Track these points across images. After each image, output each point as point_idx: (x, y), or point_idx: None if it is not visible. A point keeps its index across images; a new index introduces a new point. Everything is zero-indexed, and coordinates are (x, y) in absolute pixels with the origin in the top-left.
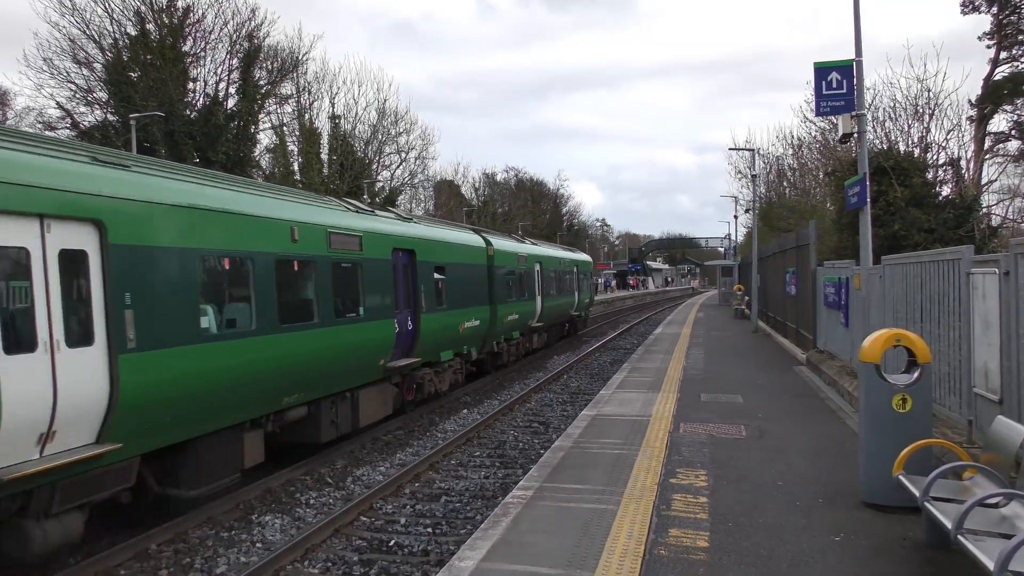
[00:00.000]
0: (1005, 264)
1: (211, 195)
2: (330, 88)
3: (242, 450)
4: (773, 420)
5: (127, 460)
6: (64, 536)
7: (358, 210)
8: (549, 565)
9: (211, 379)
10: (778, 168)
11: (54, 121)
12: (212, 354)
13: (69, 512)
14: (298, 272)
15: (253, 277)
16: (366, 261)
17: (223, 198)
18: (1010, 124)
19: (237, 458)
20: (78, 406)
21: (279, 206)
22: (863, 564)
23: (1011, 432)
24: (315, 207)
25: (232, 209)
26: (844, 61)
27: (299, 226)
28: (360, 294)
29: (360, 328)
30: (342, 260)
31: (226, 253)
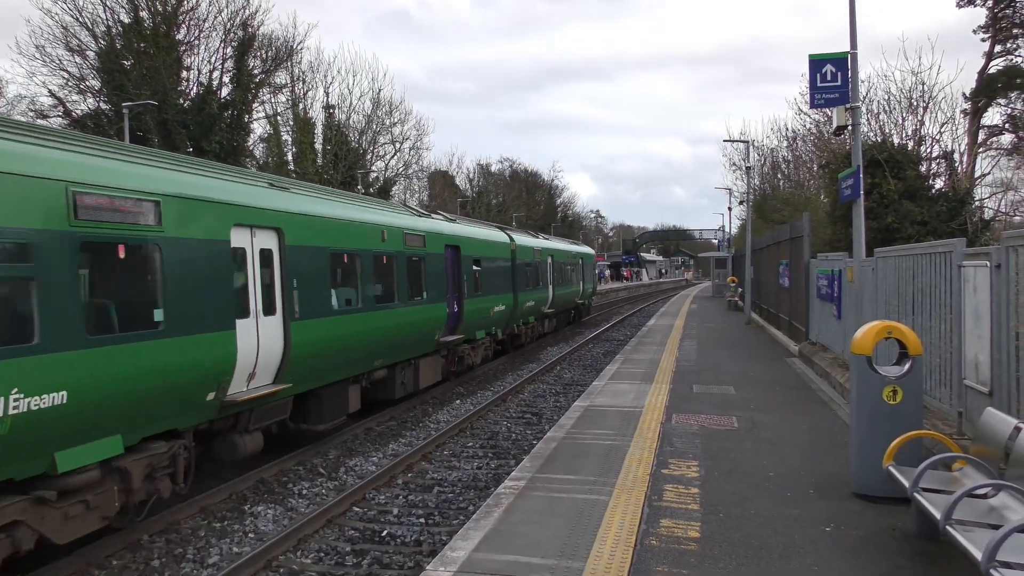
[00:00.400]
0: (996, 257)
1: (334, 207)
2: (324, 77)
3: (347, 399)
4: (765, 411)
5: (287, 398)
6: (253, 447)
7: (419, 214)
8: (541, 555)
9: (335, 343)
10: (772, 160)
11: (46, 109)
12: (337, 325)
13: (255, 431)
14: (386, 264)
15: (360, 268)
16: (428, 255)
17: (342, 210)
18: (1004, 117)
19: (344, 405)
20: (268, 357)
21: (374, 214)
22: (853, 555)
23: (1000, 424)
24: (395, 213)
25: (348, 217)
26: (839, 54)
27: (386, 229)
28: (423, 282)
29: (424, 309)
30: (412, 255)
31: (344, 251)
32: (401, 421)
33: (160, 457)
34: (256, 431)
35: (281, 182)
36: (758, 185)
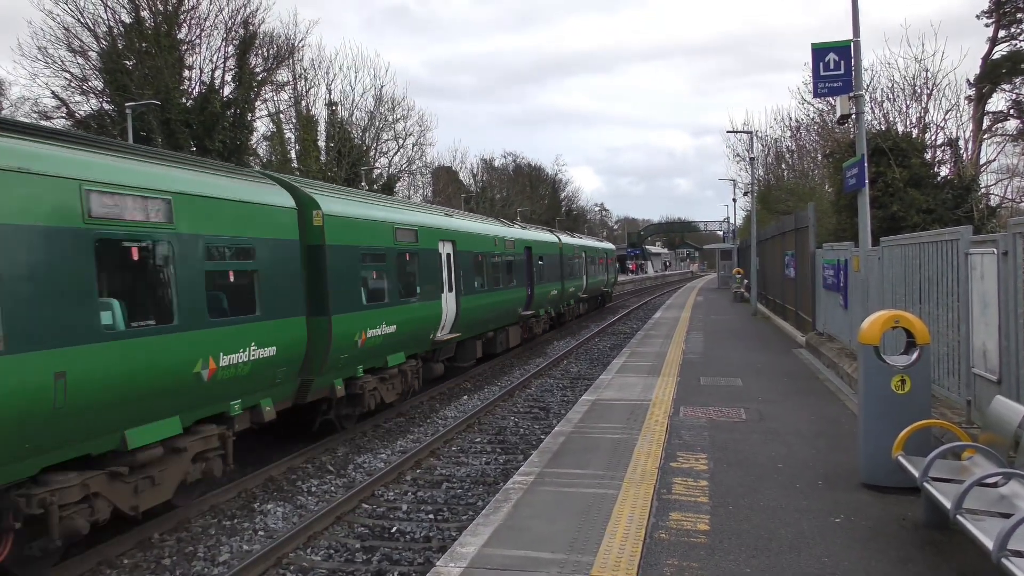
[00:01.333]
0: (1003, 244)
1: (478, 225)
2: (326, 75)
3: (476, 349)
4: (773, 403)
5: (453, 343)
6: (439, 371)
7: (508, 225)
8: (551, 550)
9: (477, 312)
10: (776, 150)
11: (50, 111)
12: (478, 299)
13: (440, 361)
14: (497, 261)
15: (486, 264)
16: (515, 255)
17: (486, 226)
18: (1008, 103)
19: (474, 353)
20: (449, 316)
21: (495, 228)
22: (863, 545)
23: (1010, 412)
24: (500, 225)
25: (481, 232)
26: (842, 42)
27: (496, 238)
28: (513, 273)
29: (514, 291)
30: (508, 255)
31: (480, 253)
32: (409, 417)
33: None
34: (440, 361)
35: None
36: (762, 175)
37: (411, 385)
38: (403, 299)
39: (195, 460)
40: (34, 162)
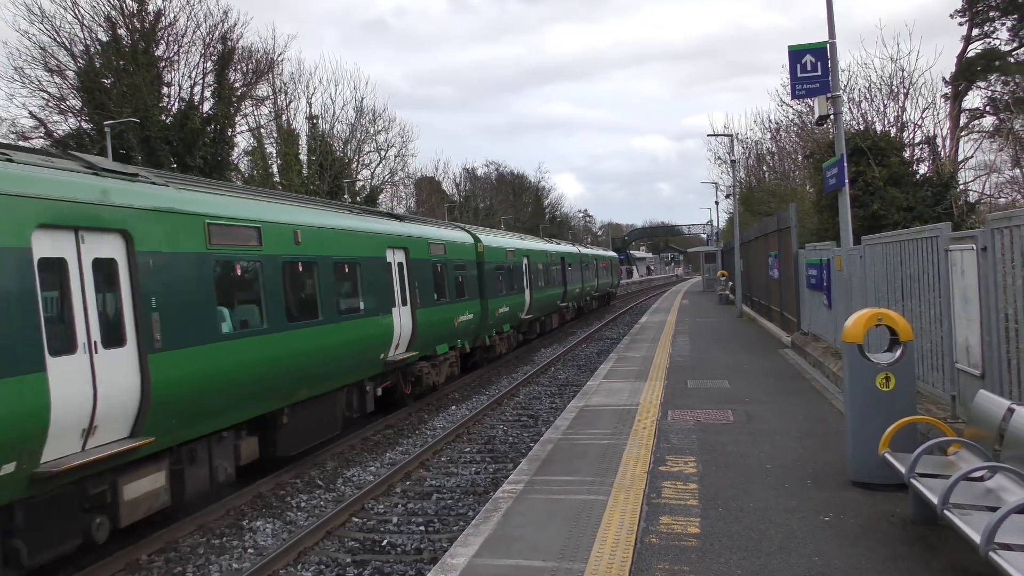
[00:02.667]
0: (983, 240)
1: (503, 240)
2: (306, 88)
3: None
4: (760, 404)
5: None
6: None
7: (549, 241)
8: (541, 558)
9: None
10: (757, 152)
11: (27, 131)
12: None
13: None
14: (504, 269)
15: (514, 272)
16: (514, 265)
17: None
18: (984, 100)
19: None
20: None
21: (514, 240)
22: (852, 543)
23: (993, 406)
24: (544, 242)
25: (507, 245)
26: (818, 43)
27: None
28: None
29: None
30: (506, 264)
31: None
32: (398, 429)
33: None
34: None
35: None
36: (744, 178)
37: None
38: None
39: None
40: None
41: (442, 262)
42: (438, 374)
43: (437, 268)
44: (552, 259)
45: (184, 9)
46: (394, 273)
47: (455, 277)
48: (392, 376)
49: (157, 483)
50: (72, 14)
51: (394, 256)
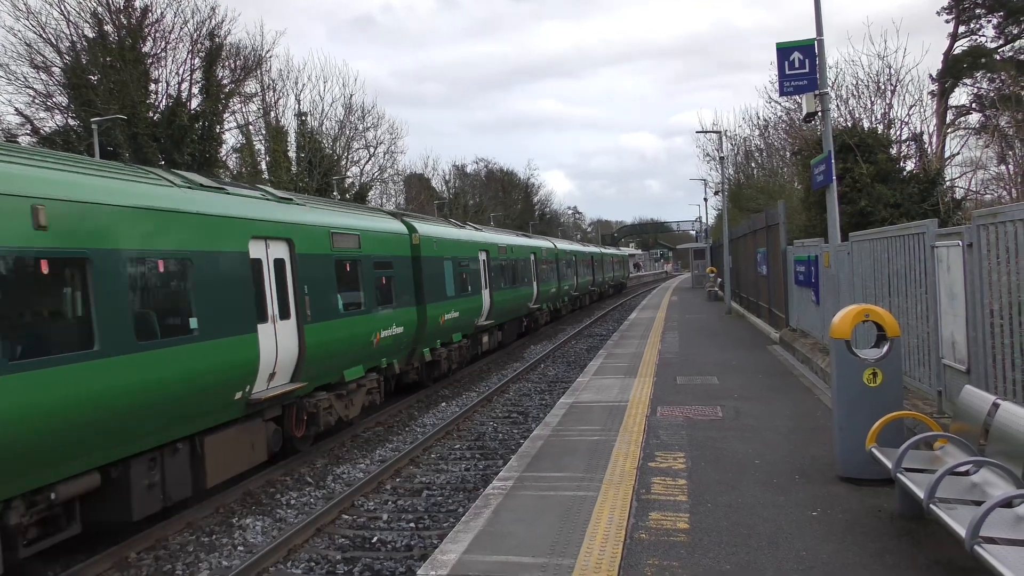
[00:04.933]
0: (968, 236)
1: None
2: (295, 85)
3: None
4: (749, 399)
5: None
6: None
7: (584, 244)
8: (531, 554)
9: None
10: (745, 149)
11: (14, 128)
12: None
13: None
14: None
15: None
16: (592, 262)
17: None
18: (970, 97)
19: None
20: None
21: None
22: (840, 538)
23: (979, 401)
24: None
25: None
26: (806, 41)
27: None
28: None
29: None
30: (458, 260)
31: (455, 258)
32: (388, 426)
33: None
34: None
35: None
36: (732, 174)
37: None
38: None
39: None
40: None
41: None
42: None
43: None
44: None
45: (171, 5)
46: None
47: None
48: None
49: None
50: (58, 10)
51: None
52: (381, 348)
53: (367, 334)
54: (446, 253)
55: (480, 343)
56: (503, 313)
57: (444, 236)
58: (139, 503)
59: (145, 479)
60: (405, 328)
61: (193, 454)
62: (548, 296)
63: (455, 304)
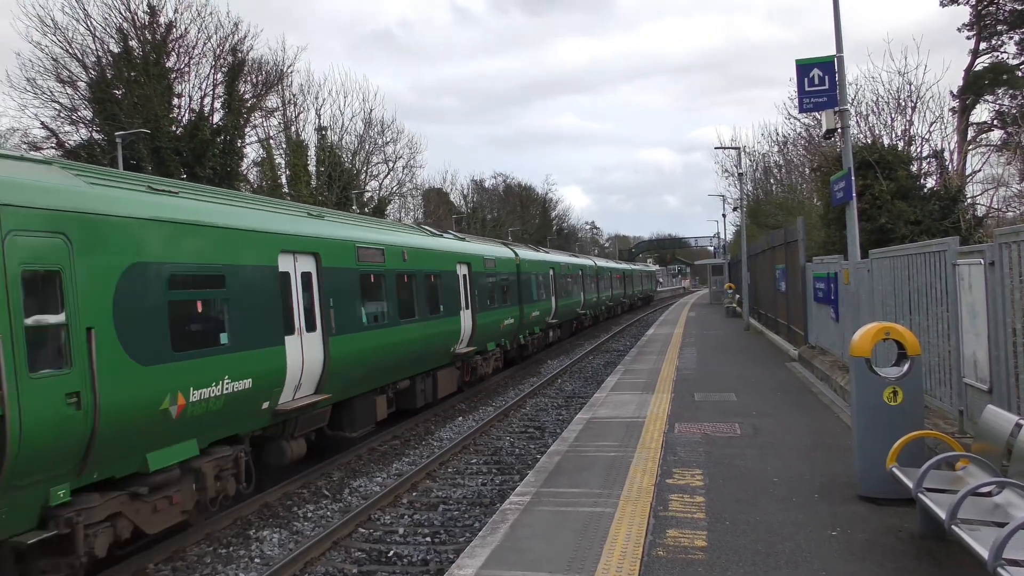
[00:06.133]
0: (990, 254)
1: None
2: (316, 99)
3: (572, 326)
4: (767, 417)
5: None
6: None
7: (628, 263)
8: (548, 570)
9: (567, 307)
10: (764, 165)
11: (39, 141)
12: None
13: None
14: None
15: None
16: (631, 278)
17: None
18: (992, 114)
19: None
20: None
21: (541, 254)
22: (859, 558)
23: (1001, 421)
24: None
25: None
26: (825, 57)
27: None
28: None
29: (575, 297)
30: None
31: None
32: (404, 440)
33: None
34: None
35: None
36: (751, 190)
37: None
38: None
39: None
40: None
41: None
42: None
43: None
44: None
45: (195, 21)
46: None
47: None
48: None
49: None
50: (84, 26)
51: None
52: (504, 331)
53: (499, 321)
54: (532, 270)
55: (548, 335)
56: (563, 314)
57: (531, 258)
58: (420, 397)
59: (421, 386)
60: (514, 320)
61: (433, 380)
62: (591, 304)
63: (537, 306)
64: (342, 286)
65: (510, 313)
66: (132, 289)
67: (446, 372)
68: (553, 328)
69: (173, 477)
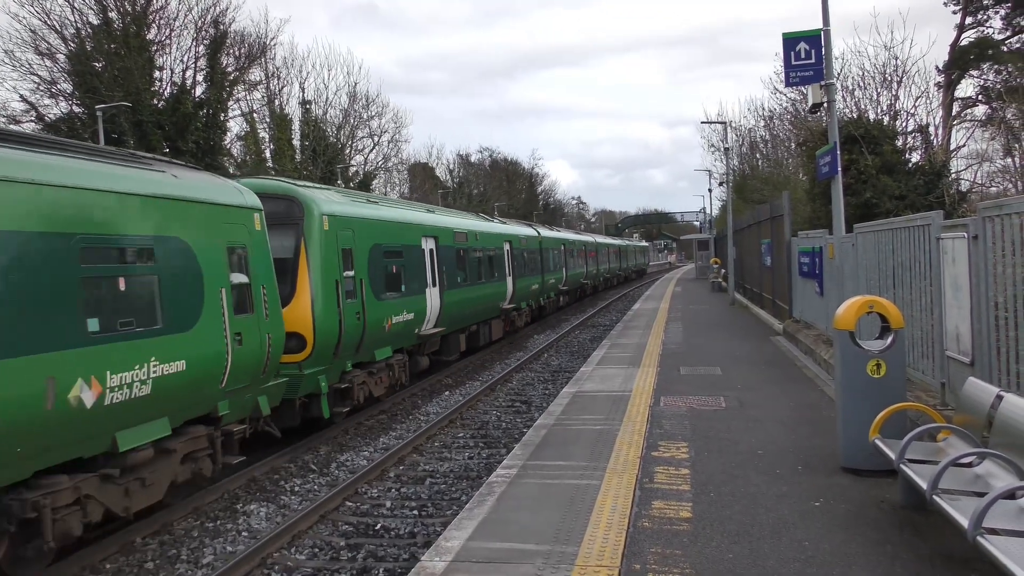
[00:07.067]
0: (974, 228)
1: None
2: (299, 73)
3: (578, 293)
4: (752, 390)
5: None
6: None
7: (635, 240)
8: (535, 541)
9: (575, 277)
10: (750, 140)
11: (18, 115)
12: (550, 276)
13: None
14: (551, 253)
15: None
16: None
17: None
18: (977, 89)
19: (577, 295)
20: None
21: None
22: (842, 528)
23: (982, 393)
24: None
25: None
26: (812, 31)
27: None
28: (557, 262)
29: (579, 269)
30: (551, 249)
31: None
32: (391, 415)
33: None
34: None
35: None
36: (737, 166)
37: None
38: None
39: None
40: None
41: (524, 249)
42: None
43: (523, 254)
44: (588, 246)
45: None
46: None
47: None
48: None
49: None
50: None
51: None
52: (531, 292)
53: (530, 285)
54: (550, 246)
55: (559, 300)
56: (571, 282)
57: (549, 236)
58: (482, 338)
59: (483, 330)
60: (538, 286)
61: (489, 327)
62: (592, 275)
63: (553, 275)
64: (448, 258)
65: (535, 280)
66: (373, 257)
67: (496, 322)
68: (563, 294)
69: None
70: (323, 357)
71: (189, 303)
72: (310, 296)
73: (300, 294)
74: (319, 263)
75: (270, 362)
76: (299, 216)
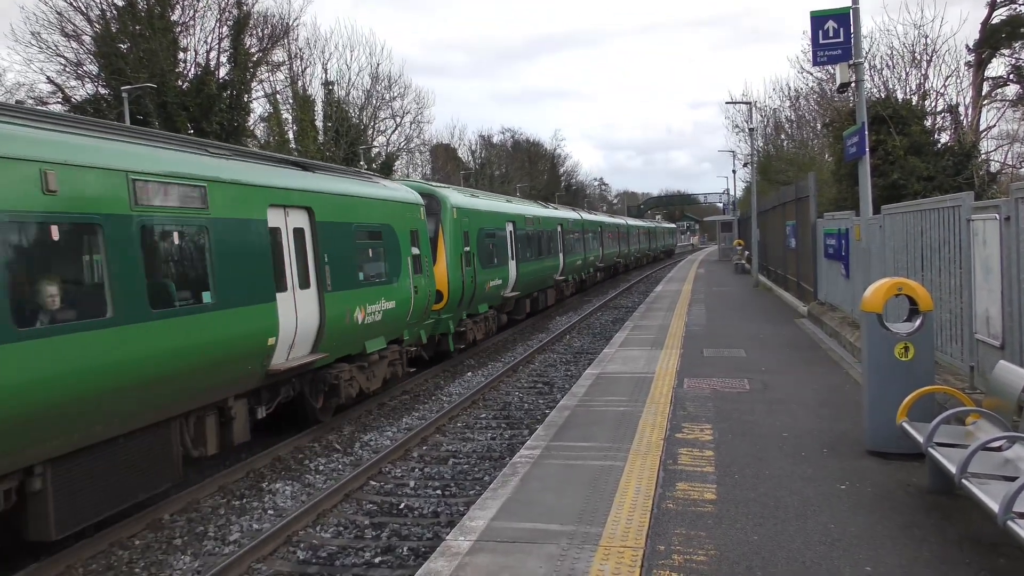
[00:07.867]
0: (1005, 209)
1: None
2: (322, 54)
3: (613, 270)
4: (776, 373)
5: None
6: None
7: (627, 220)
8: (560, 522)
9: (610, 256)
10: (775, 121)
11: (45, 96)
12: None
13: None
14: (606, 233)
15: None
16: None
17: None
18: (1008, 68)
19: (612, 272)
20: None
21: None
22: (868, 511)
23: (1013, 376)
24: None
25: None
26: (840, 9)
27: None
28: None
29: (613, 249)
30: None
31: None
32: (414, 395)
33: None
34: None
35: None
36: (762, 146)
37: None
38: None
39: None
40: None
41: (570, 231)
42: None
43: (571, 235)
44: (621, 228)
45: None
46: (557, 237)
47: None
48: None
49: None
50: None
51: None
52: (576, 268)
53: (575, 261)
54: (590, 228)
55: (596, 275)
56: (607, 260)
57: (589, 219)
58: (542, 303)
59: (543, 297)
60: (582, 262)
61: (546, 295)
62: (624, 254)
63: (592, 252)
64: (522, 238)
65: (580, 257)
66: (480, 238)
67: (551, 291)
68: (600, 270)
69: (489, 314)
70: (452, 307)
71: (396, 266)
72: (446, 264)
73: (439, 263)
74: (451, 241)
75: (428, 307)
76: (437, 208)
